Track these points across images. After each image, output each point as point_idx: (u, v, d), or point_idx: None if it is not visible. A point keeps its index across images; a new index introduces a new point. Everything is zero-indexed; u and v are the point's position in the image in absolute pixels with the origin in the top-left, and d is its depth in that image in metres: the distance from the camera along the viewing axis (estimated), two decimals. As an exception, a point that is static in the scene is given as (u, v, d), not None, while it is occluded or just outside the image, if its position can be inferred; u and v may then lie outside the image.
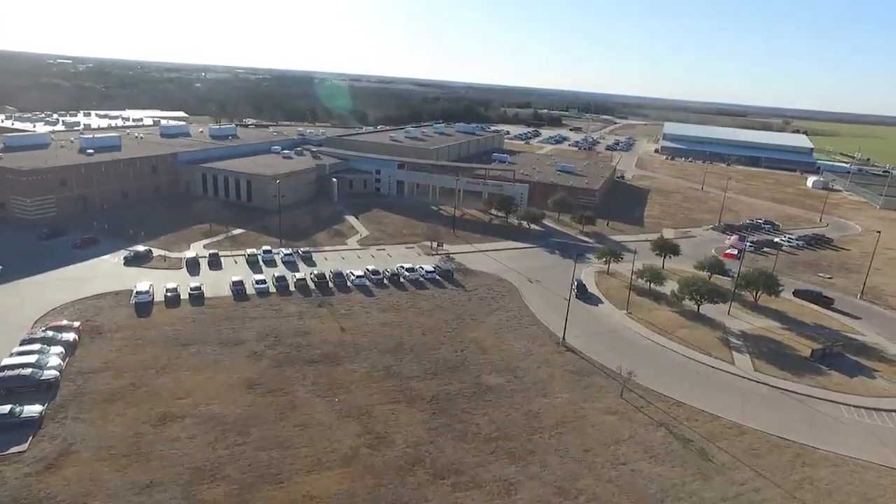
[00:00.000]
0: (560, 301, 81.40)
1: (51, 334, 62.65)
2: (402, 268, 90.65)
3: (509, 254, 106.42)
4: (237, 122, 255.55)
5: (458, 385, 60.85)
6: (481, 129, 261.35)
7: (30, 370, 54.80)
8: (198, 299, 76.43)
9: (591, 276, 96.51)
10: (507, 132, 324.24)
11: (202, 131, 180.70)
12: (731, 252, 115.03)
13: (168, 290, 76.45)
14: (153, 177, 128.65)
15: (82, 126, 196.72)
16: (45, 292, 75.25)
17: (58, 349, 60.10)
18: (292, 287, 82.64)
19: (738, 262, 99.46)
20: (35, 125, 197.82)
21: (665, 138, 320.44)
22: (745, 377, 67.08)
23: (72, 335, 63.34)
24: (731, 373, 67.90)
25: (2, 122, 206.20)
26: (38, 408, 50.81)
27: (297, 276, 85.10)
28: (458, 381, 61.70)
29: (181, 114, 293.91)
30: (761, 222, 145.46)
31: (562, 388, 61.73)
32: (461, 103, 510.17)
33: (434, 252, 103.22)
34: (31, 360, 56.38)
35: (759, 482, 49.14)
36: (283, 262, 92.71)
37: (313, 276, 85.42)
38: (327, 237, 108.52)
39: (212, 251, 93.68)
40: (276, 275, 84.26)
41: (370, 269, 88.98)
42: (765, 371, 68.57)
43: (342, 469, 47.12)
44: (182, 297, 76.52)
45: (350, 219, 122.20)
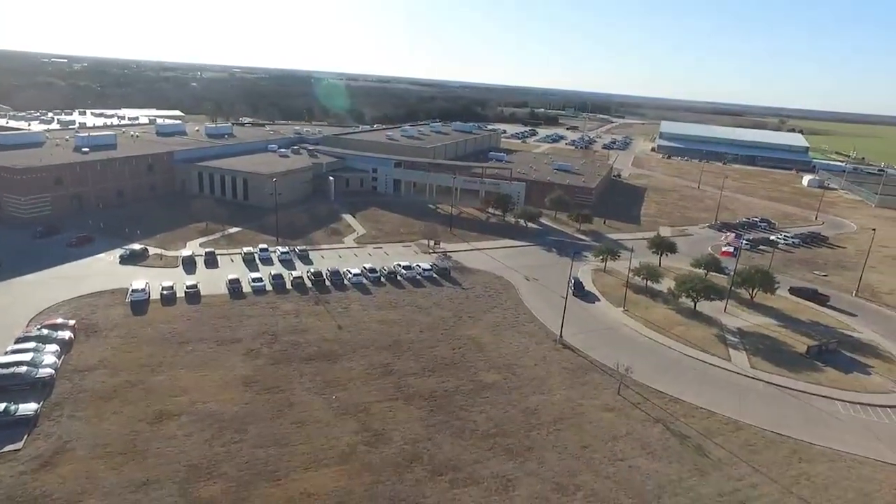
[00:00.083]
0: (557, 299, 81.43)
1: (46, 332, 62.32)
2: (400, 266, 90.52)
3: (506, 252, 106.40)
4: (233, 121, 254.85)
5: (455, 382, 60.82)
6: (478, 128, 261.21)
7: (25, 368, 54.49)
8: (194, 297, 76.20)
9: (588, 274, 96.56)
10: (504, 131, 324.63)
11: (198, 130, 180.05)
12: (727, 250, 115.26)
13: (164, 289, 76.19)
14: (149, 175, 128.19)
15: (77, 125, 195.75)
16: (39, 291, 74.90)
17: (53, 347, 59.81)
18: (289, 285, 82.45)
19: (734, 259, 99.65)
20: (30, 124, 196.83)
21: (662, 137, 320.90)
22: (742, 374, 67.24)
23: (67, 333, 63.05)
24: (727, 369, 68.04)
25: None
26: (33, 406, 50.59)
27: (294, 274, 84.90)
28: (455, 378, 61.67)
29: (177, 113, 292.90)
30: (757, 220, 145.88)
31: (559, 385, 61.77)
32: (458, 102, 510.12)
33: (431, 250, 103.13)
34: (25, 358, 56.05)
35: (755, 478, 49.27)
36: (280, 261, 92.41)
37: (310, 274, 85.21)
38: (324, 235, 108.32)
39: (208, 249, 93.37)
40: (272, 273, 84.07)
41: (367, 267, 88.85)
42: (761, 368, 68.74)
43: (339, 466, 47.02)
44: (178, 295, 76.24)
45: (347, 217, 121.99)
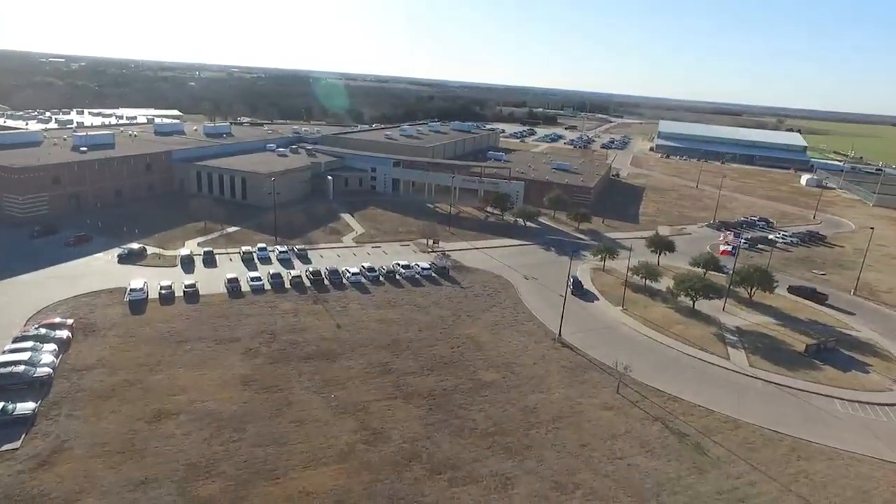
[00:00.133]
0: (556, 298, 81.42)
1: (44, 332, 62.17)
2: (398, 265, 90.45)
3: (505, 251, 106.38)
4: (232, 121, 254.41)
5: (454, 381, 60.78)
6: (477, 128, 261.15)
7: (22, 367, 54.33)
8: (192, 297, 76.07)
9: (586, 273, 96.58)
10: (503, 130, 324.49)
11: (196, 129, 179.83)
12: (726, 249, 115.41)
13: (162, 288, 76.04)
14: (147, 175, 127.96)
15: (75, 124, 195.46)
16: (37, 290, 74.72)
17: (51, 347, 59.66)
18: (288, 284, 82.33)
19: (733, 258, 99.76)
20: (28, 123, 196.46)
21: (660, 136, 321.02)
22: (741, 372, 67.29)
23: (65, 333, 62.90)
24: (726, 368, 68.10)
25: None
26: (30, 405, 50.47)
27: (293, 273, 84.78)
28: (454, 377, 61.64)
29: (175, 112, 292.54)
30: (756, 219, 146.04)
31: (558, 384, 61.76)
32: (457, 102, 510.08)
33: (430, 249, 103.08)
34: (23, 357, 55.90)
35: (754, 476, 49.30)
36: (279, 260, 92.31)
37: (309, 273, 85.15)
38: (323, 235, 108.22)
39: (206, 249, 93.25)
40: (271, 272, 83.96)
41: (366, 266, 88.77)
42: (760, 366, 68.81)
43: (338, 465, 46.96)
44: (177, 294, 76.12)
45: (346, 216, 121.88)
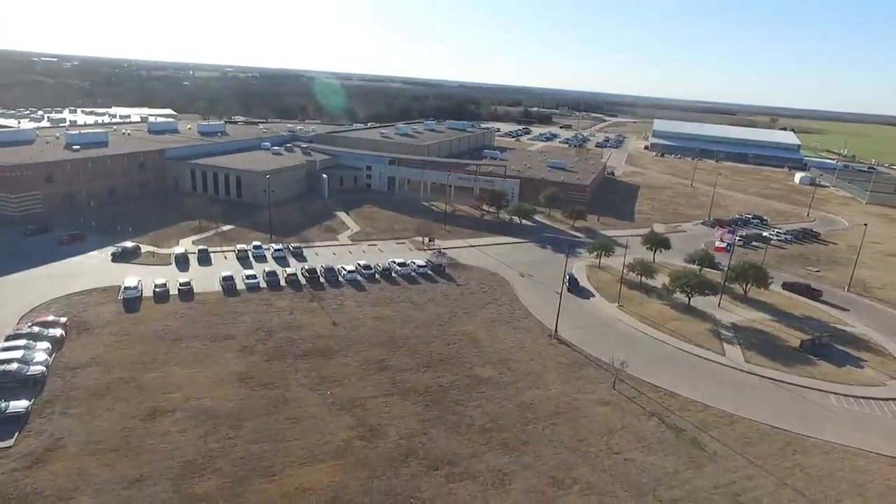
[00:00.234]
0: (552, 295, 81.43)
1: (37, 330, 61.65)
2: (394, 262, 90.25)
3: (501, 249, 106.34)
4: (226, 120, 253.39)
5: (450, 377, 60.67)
6: (472, 126, 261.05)
7: (15, 366, 53.85)
8: (187, 295, 75.63)
9: (582, 270, 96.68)
10: (498, 129, 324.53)
11: (190, 128, 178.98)
12: (720, 245, 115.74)
13: (157, 286, 75.53)
14: (141, 173, 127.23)
15: (68, 122, 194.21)
16: (30, 288, 74.10)
17: (44, 345, 59.15)
18: (283, 282, 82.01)
19: (727, 255, 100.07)
20: (20, 122, 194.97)
21: (655, 135, 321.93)
22: (736, 368, 67.49)
23: (58, 331, 62.39)
24: (722, 364, 68.28)
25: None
26: (24, 403, 50.02)
27: (288, 271, 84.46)
28: (450, 373, 61.52)
29: (169, 112, 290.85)
30: (750, 217, 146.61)
31: (554, 380, 61.74)
32: (452, 101, 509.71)
33: (425, 247, 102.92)
34: (16, 355, 55.41)
35: (750, 470, 49.42)
36: (274, 258, 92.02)
37: (304, 271, 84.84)
38: (318, 233, 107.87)
39: (201, 247, 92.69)
40: (266, 270, 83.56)
41: (361, 263, 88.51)
42: (755, 362, 69.04)
43: (335, 461, 46.76)
44: (171, 292, 75.65)
45: (341, 215, 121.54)
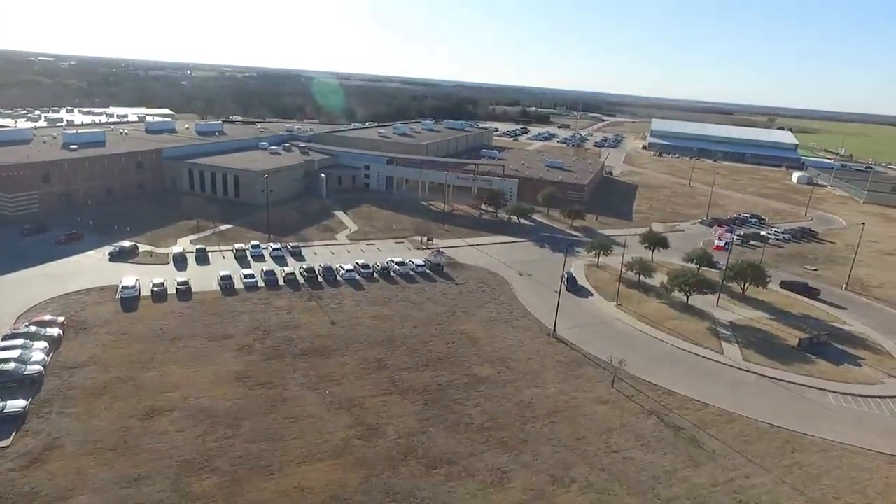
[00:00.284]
0: (550, 294, 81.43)
1: (34, 329, 61.53)
2: (393, 262, 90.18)
3: (499, 248, 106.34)
4: (224, 119, 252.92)
5: (449, 376, 60.64)
6: (470, 126, 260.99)
7: (13, 365, 53.69)
8: (185, 294, 75.53)
9: (580, 270, 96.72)
10: (496, 129, 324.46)
11: (188, 127, 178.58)
12: (719, 244, 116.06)
13: (154, 285, 75.36)
14: (138, 173, 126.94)
15: (65, 122, 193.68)
16: (27, 288, 73.89)
17: (41, 344, 59.03)
18: (281, 281, 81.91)
19: (726, 254, 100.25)
20: (16, 121, 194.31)
21: (653, 135, 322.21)
22: (735, 366, 67.59)
23: (56, 330, 62.23)
24: (720, 362, 68.37)
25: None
26: (21, 403, 49.87)
27: (287, 270, 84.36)
28: (449, 372, 61.49)
29: (167, 111, 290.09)
30: (748, 216, 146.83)
31: (553, 379, 61.75)
32: (450, 101, 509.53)
33: (424, 247, 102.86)
34: (13, 355, 55.28)
35: (749, 468, 49.48)
36: (272, 257, 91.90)
37: (302, 270, 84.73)
38: (316, 232, 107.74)
39: (199, 246, 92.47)
40: (264, 269, 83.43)
41: (360, 263, 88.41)
42: (753, 360, 69.14)
43: (334, 460, 46.70)
44: (169, 291, 75.51)
45: (339, 214, 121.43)
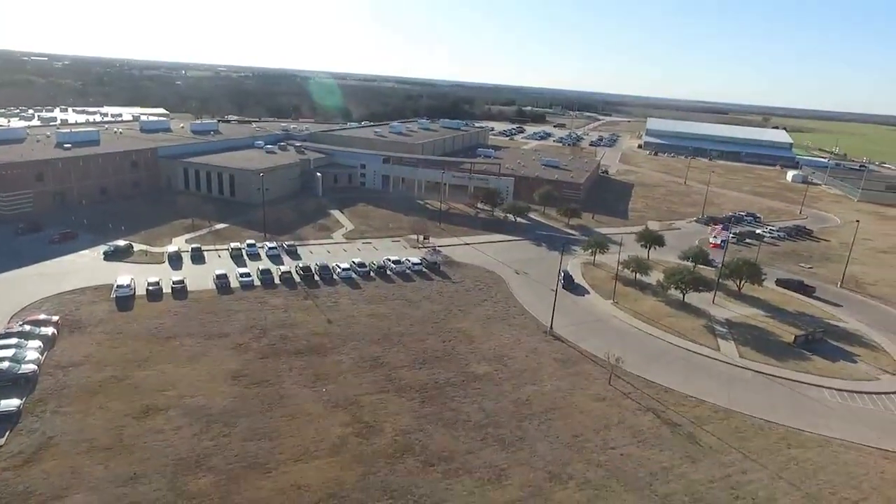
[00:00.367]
0: (547, 292, 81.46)
1: (28, 328, 61.05)
2: (389, 260, 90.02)
3: (496, 246, 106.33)
4: (219, 119, 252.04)
5: (446, 374, 60.55)
6: (466, 125, 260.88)
7: (6, 364, 53.20)
8: (180, 293, 75.17)
9: (577, 268, 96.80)
10: (492, 128, 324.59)
11: (183, 126, 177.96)
12: (715, 241, 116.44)
13: (150, 284, 74.92)
14: (133, 172, 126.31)
15: (59, 121, 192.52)
16: (21, 287, 73.36)
17: (35, 343, 58.58)
18: (277, 280, 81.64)
19: (722, 251, 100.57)
20: (9, 120, 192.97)
21: (648, 134, 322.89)
22: (731, 363, 67.75)
23: (50, 329, 61.81)
24: (716, 359, 68.52)
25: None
26: (15, 402, 49.45)
27: (282, 269, 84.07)
28: (446, 370, 61.40)
29: (161, 111, 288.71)
30: (743, 215, 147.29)
31: (550, 376, 61.75)
32: (446, 100, 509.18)
33: (420, 245, 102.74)
34: (7, 354, 54.84)
35: (746, 464, 49.59)
36: (268, 256, 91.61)
37: (299, 268, 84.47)
38: (312, 231, 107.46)
39: (194, 245, 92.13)
40: (260, 268, 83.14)
41: (356, 261, 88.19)
42: (749, 357, 69.32)
43: (331, 458, 46.54)
44: (164, 290, 75.14)
45: (335, 213, 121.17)
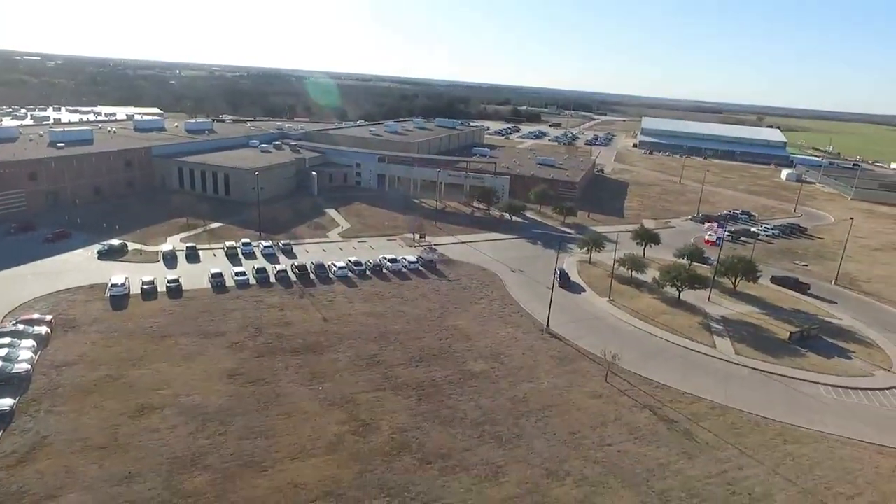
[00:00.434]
0: (543, 290, 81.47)
1: (21, 328, 60.63)
2: (385, 259, 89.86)
3: (492, 245, 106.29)
4: (214, 118, 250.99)
5: (443, 372, 60.46)
6: (461, 125, 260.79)
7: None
8: (175, 292, 74.77)
9: (573, 266, 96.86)
10: (488, 128, 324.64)
11: (177, 126, 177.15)
12: (710, 238, 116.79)
13: (144, 283, 74.57)
14: (127, 171, 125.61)
15: (52, 120, 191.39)
16: (14, 287, 72.83)
17: (29, 343, 58.20)
18: (273, 279, 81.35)
19: (716, 248, 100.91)
20: (2, 119, 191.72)
21: (643, 133, 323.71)
22: (727, 360, 67.90)
23: (44, 329, 61.34)
24: (712, 356, 68.68)
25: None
26: (8, 401, 49.10)
27: (278, 267, 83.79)
28: (443, 368, 61.31)
29: (156, 110, 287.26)
30: (738, 213, 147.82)
31: (547, 374, 61.74)
32: (442, 100, 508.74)
33: (416, 244, 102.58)
34: (0, 353, 54.40)
35: (742, 460, 49.71)
36: (264, 255, 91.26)
37: (294, 267, 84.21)
38: (308, 230, 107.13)
39: (189, 244, 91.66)
40: (256, 267, 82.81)
41: (352, 260, 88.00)
42: (745, 354, 69.52)
43: (327, 456, 46.37)
44: (159, 289, 74.77)
45: (331, 212, 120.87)
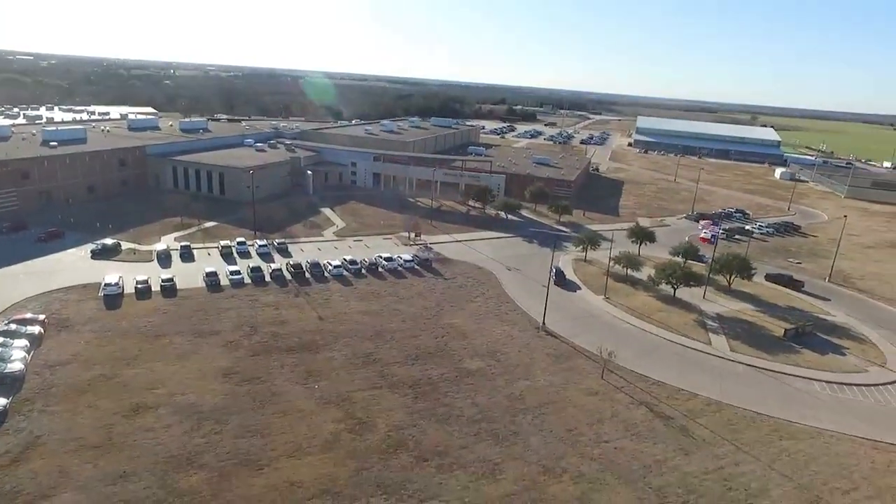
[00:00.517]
0: (539, 288, 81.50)
1: (14, 327, 60.07)
2: (381, 257, 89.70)
3: (487, 243, 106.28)
4: (209, 117, 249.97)
5: (439, 370, 60.37)
6: (457, 124, 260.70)
7: (-8, 363, 52.48)
8: (170, 291, 74.40)
9: (568, 264, 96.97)
10: (483, 127, 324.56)
11: (172, 125, 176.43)
12: (704, 235, 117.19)
13: (138, 283, 74.10)
14: (121, 170, 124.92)
15: (45, 119, 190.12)
16: (7, 286, 72.24)
17: (22, 342, 57.69)
18: (268, 278, 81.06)
19: (711, 246, 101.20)
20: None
21: (638, 132, 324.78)
22: (722, 357, 68.13)
23: (37, 328, 60.87)
24: (708, 353, 68.89)
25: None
26: (1, 401, 48.63)
27: (273, 266, 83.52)
28: (439, 366, 61.22)
29: (150, 110, 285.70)
30: (733, 211, 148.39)
31: (543, 371, 61.75)
32: (437, 99, 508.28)
33: (412, 242, 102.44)
34: (-7, 353, 54.05)
35: (738, 456, 49.85)
36: (259, 254, 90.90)
37: (290, 266, 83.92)
38: (303, 229, 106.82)
39: (183, 243, 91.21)
40: (250, 266, 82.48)
41: (347, 259, 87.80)
42: (741, 351, 69.77)
43: (323, 454, 46.20)
44: (153, 289, 74.33)
45: (326, 211, 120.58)
